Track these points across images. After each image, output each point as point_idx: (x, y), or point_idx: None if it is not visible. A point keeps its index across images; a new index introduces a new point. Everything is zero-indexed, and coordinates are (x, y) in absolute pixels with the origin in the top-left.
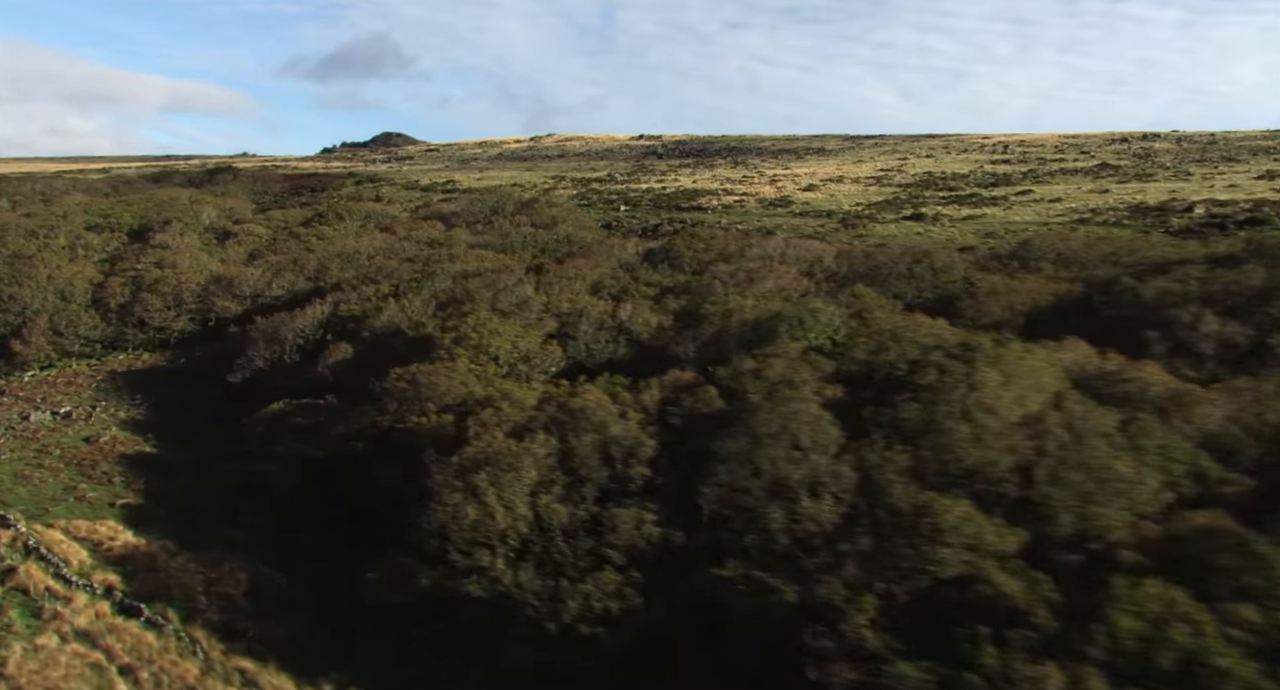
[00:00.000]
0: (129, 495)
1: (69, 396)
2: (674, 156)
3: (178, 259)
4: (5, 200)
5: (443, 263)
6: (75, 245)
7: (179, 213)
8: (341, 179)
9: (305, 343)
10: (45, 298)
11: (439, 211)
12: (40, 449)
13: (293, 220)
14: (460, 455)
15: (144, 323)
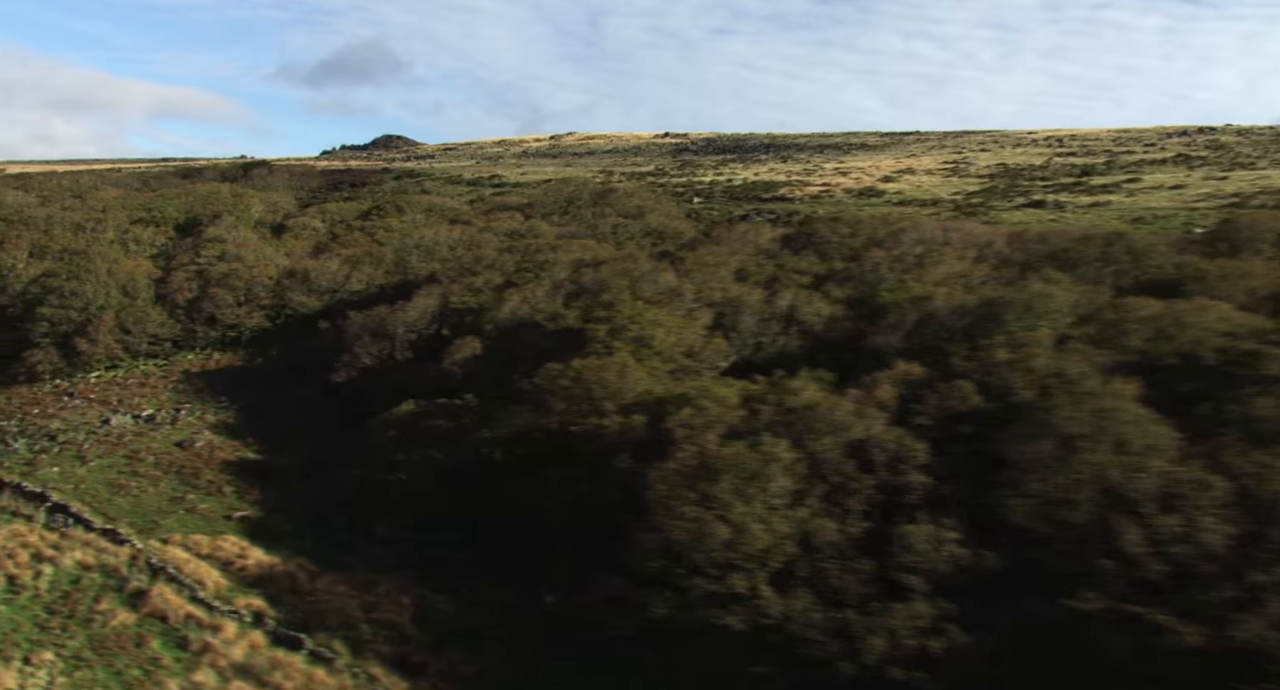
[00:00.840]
0: (244, 507)
1: (147, 399)
2: (708, 153)
3: (241, 253)
4: (34, 195)
5: (545, 252)
6: (124, 239)
7: (226, 206)
8: (377, 175)
9: (418, 338)
10: (109, 293)
11: (504, 204)
12: (130, 455)
13: (347, 213)
14: (677, 462)
15: (215, 319)
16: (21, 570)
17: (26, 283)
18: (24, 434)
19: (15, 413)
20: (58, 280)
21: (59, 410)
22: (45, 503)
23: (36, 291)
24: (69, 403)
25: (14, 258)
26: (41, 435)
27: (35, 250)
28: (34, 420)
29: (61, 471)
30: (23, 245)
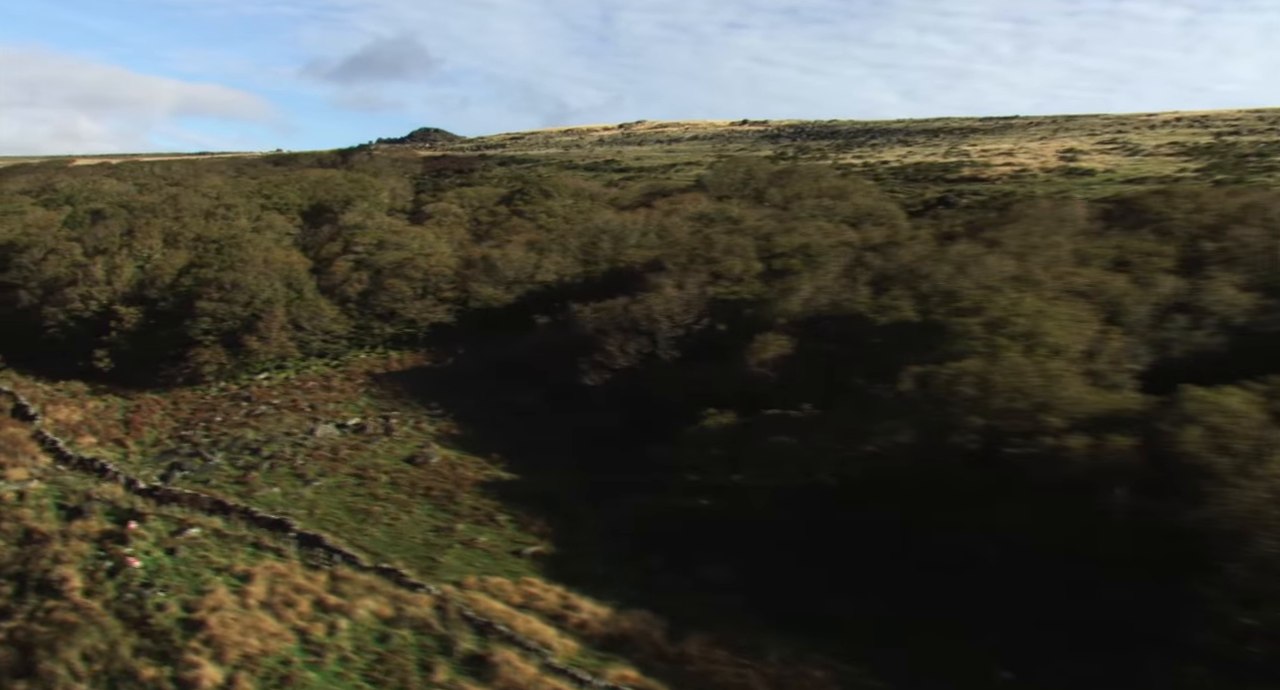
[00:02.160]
0: (529, 539)
1: (342, 405)
2: (800, 139)
3: (402, 239)
4: (131, 184)
5: (782, 235)
6: (259, 227)
7: (356, 192)
8: (475, 161)
9: (686, 334)
10: (273, 286)
11: (664, 187)
12: (357, 474)
13: (486, 198)
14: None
15: (392, 314)
16: (310, 624)
17: (175, 274)
18: (217, 445)
19: (195, 420)
20: (210, 271)
21: (246, 417)
22: (287, 532)
23: (188, 283)
24: (249, 408)
25: (149, 247)
26: (239, 447)
27: (169, 239)
28: (221, 429)
29: (284, 493)
30: (155, 234)
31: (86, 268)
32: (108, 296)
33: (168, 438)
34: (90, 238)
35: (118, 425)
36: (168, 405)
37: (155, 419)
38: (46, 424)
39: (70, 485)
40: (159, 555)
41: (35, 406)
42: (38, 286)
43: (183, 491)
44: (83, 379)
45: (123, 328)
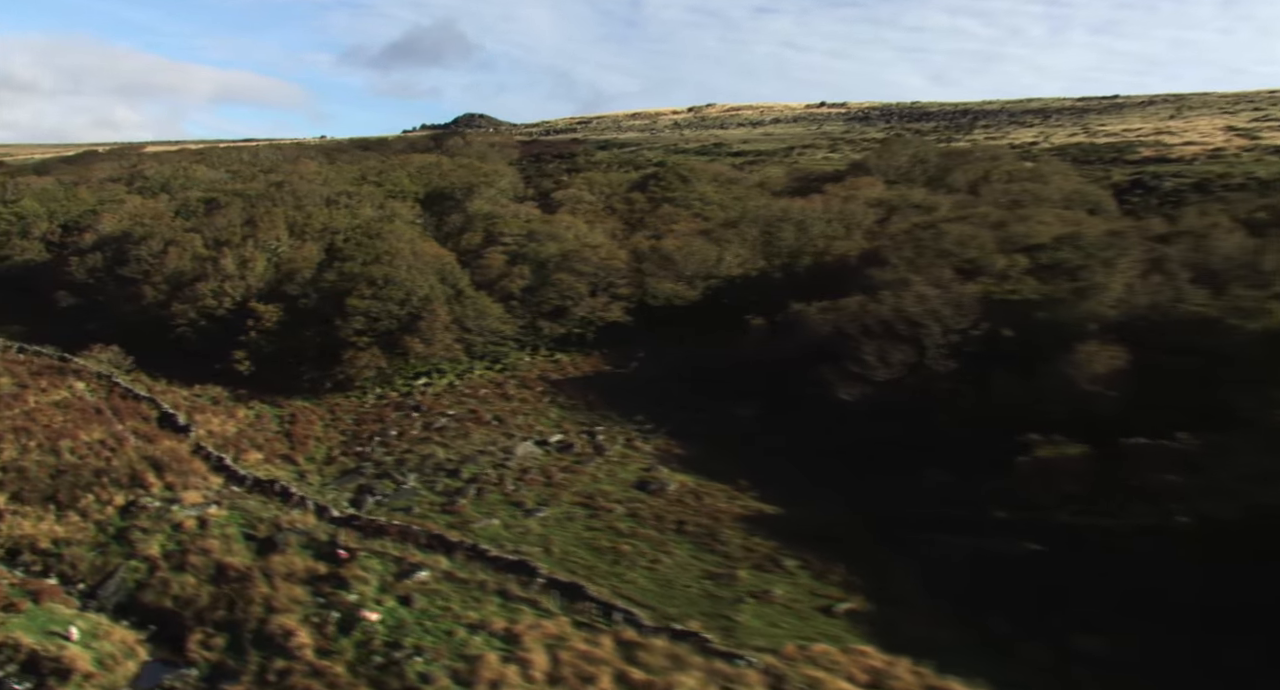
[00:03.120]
0: (834, 592)
1: (531, 417)
2: (885, 122)
3: (554, 230)
4: (223, 171)
5: (1020, 224)
6: (385, 216)
7: (474, 178)
8: (570, 145)
9: (962, 340)
10: (430, 282)
11: (810, 171)
12: (584, 502)
13: (616, 184)
14: None
15: (561, 312)
16: None
17: (314, 268)
18: (405, 465)
19: (364, 433)
20: (355, 265)
21: (426, 431)
22: (534, 577)
23: (332, 278)
24: (424, 420)
25: (274, 238)
26: (432, 468)
27: (294, 229)
28: (400, 444)
29: (505, 525)
30: (279, 224)
31: (216, 261)
32: (242, 292)
33: (341, 454)
34: (210, 228)
35: (279, 438)
36: (324, 415)
37: (317, 431)
38: (201, 436)
39: (253, 512)
40: (391, 604)
41: (182, 415)
42: (163, 281)
43: (386, 521)
44: (219, 383)
45: (262, 327)
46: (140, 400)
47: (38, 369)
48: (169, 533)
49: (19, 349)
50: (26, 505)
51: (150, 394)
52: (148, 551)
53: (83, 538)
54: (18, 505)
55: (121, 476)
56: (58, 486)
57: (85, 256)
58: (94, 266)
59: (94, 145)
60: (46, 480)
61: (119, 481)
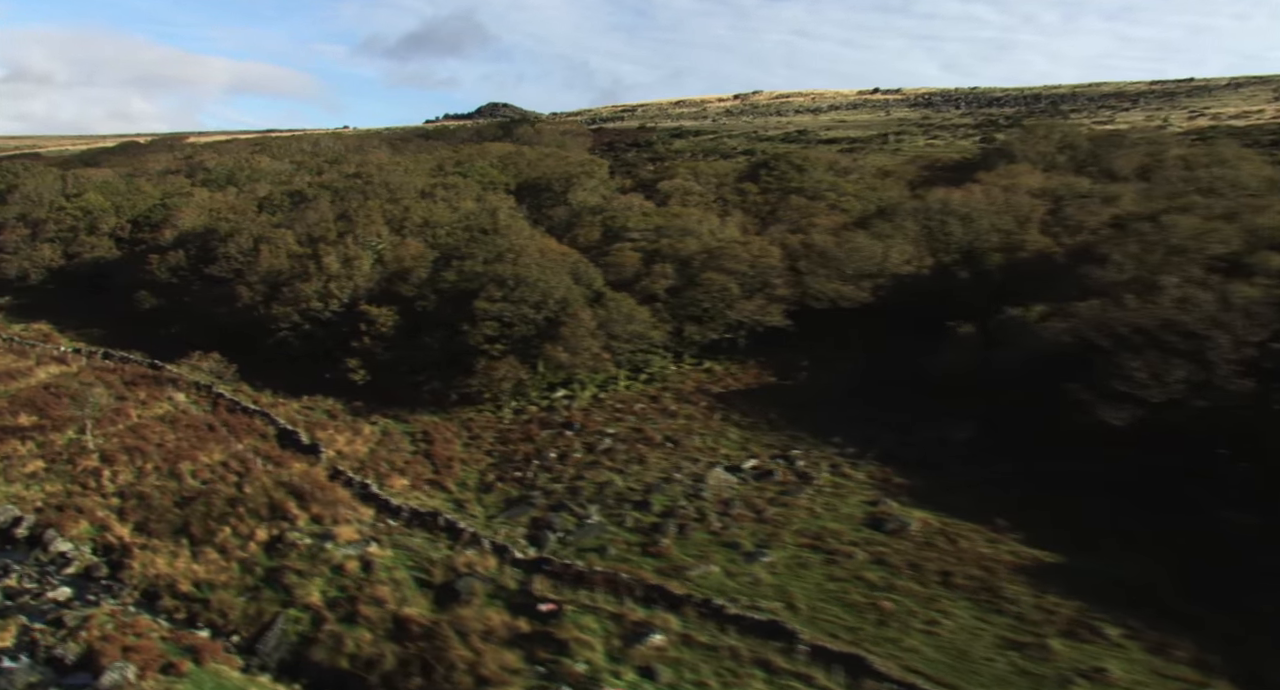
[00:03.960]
0: (1188, 673)
1: (705, 436)
2: (968, 107)
3: (685, 225)
4: (287, 162)
5: (1257, 214)
6: (488, 210)
7: (562, 168)
8: (642, 133)
9: (1260, 355)
10: (564, 283)
11: (934, 159)
12: (812, 543)
13: (723, 174)
14: None
15: (710, 316)
16: None
17: (428, 266)
18: (579, 494)
19: (515, 455)
20: (476, 263)
21: (591, 454)
22: (794, 643)
23: (451, 278)
24: (583, 440)
25: (374, 234)
26: (613, 498)
27: (392, 224)
28: (563, 469)
29: (726, 572)
30: (376, 219)
31: (318, 259)
32: (349, 293)
33: (497, 480)
34: (301, 224)
35: (419, 460)
36: (459, 432)
37: (458, 451)
38: (332, 457)
39: (421, 551)
40: (632, 677)
41: (303, 433)
42: (258, 281)
43: (585, 566)
44: (330, 393)
45: (376, 332)
46: (252, 414)
47: (131, 378)
48: (328, 576)
49: (104, 354)
50: (155, 538)
51: (259, 406)
52: (308, 598)
53: (227, 579)
54: (145, 538)
55: (259, 506)
56: (188, 517)
57: (166, 254)
58: (177, 265)
59: (110, 137)
60: (173, 509)
61: (257, 512)
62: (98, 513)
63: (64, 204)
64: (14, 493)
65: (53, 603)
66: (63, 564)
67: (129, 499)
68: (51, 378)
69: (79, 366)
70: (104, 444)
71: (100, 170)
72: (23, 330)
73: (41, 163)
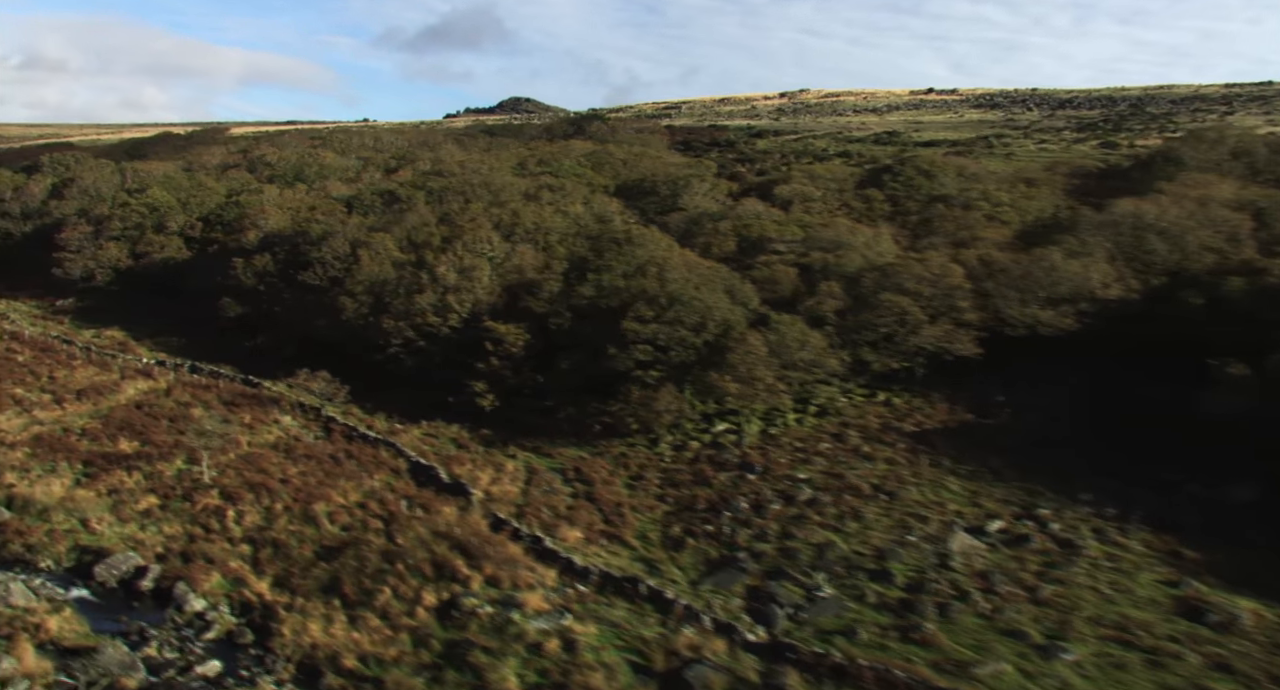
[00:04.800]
0: None
1: (922, 486)
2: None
3: (838, 237)
4: (353, 158)
5: None
6: (601, 215)
7: (664, 169)
8: (717, 132)
9: None
10: (723, 302)
11: (1074, 164)
12: (1115, 635)
13: (840, 177)
14: None
15: (890, 342)
16: None
17: (559, 278)
18: (795, 557)
19: (703, 505)
20: (614, 277)
21: (790, 505)
22: None
23: (590, 293)
24: (768, 485)
25: (483, 240)
26: (842, 564)
27: (500, 228)
28: (765, 523)
29: (1021, 671)
30: (483, 224)
31: (431, 269)
32: (469, 308)
33: (684, 533)
34: (399, 227)
35: (585, 505)
36: (614, 469)
37: (622, 494)
38: (481, 499)
39: (629, 628)
40: None
41: (441, 469)
42: (363, 291)
43: (838, 657)
44: (449, 419)
45: (505, 352)
46: (375, 444)
47: (230, 398)
48: (523, 655)
49: (191, 368)
50: (300, 597)
51: (375, 432)
52: (504, 685)
53: (398, 654)
54: (288, 596)
55: (419, 562)
56: (336, 573)
57: (251, 258)
58: (264, 270)
59: (130, 126)
60: (316, 561)
61: (419, 570)
62: (229, 563)
63: (127, 200)
64: (129, 534)
65: (203, 680)
66: (201, 627)
67: (262, 546)
68: (141, 395)
69: (167, 382)
70: (219, 477)
71: (157, 163)
72: (95, 337)
73: (75, 153)
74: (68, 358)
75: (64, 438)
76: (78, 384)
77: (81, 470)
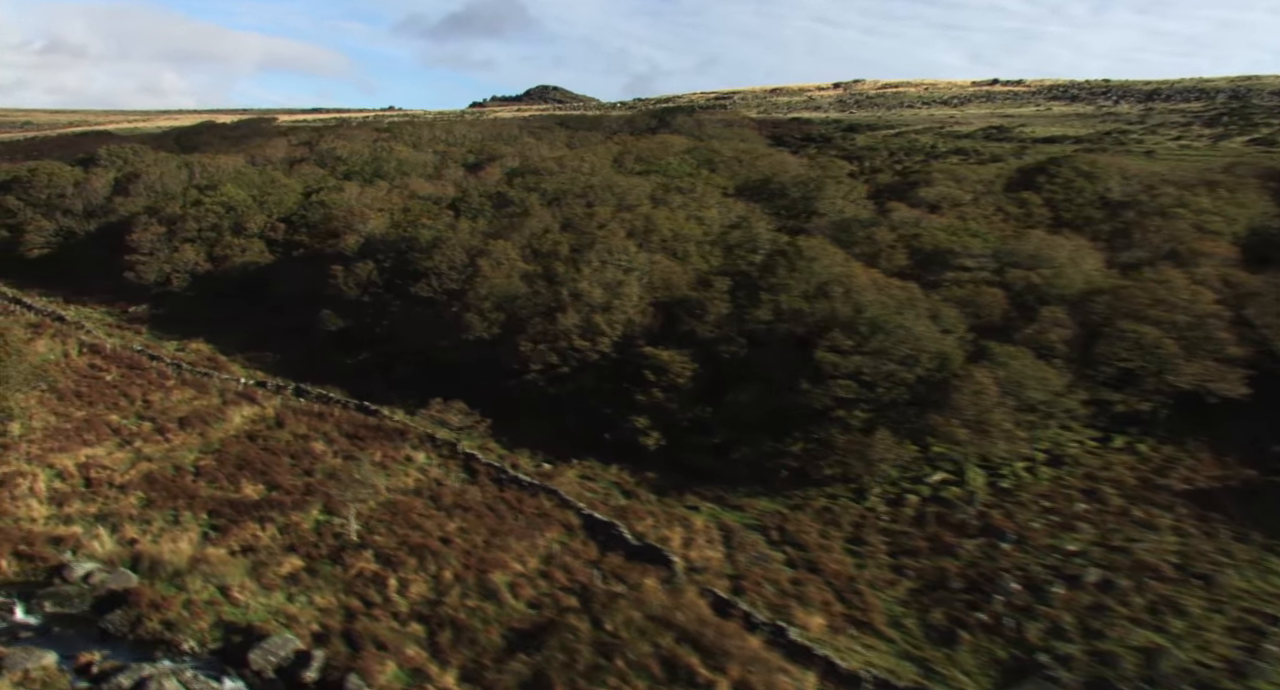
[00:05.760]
0: None
1: (1245, 571)
2: (1118, 101)
3: (1037, 250)
4: (432, 154)
5: None
6: (739, 222)
7: (781, 169)
8: (807, 126)
9: None
10: (932, 331)
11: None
12: None
13: (986, 178)
14: None
15: (1128, 379)
16: None
17: (724, 297)
18: (1113, 666)
19: (944, 578)
20: (792, 298)
21: (1078, 589)
22: None
23: (766, 318)
24: (1032, 559)
25: (618, 249)
26: (1183, 678)
27: (634, 236)
28: (1054, 612)
29: None
30: (616, 231)
31: (572, 284)
32: (621, 329)
33: (951, 624)
34: (518, 234)
35: (808, 578)
36: (822, 528)
37: (846, 563)
38: (682, 568)
39: None
40: None
41: (624, 528)
42: (491, 307)
43: None
44: (604, 457)
45: (671, 382)
46: (534, 492)
47: (350, 430)
48: None
49: (296, 391)
50: None
51: (525, 474)
52: None
53: None
54: None
55: (642, 657)
56: (542, 669)
57: (352, 266)
58: (367, 279)
59: (153, 113)
60: (509, 651)
61: (643, 667)
62: (404, 649)
63: (200, 198)
64: (277, 607)
65: None
66: None
67: (438, 627)
68: (248, 423)
69: (274, 408)
70: (366, 532)
71: (222, 157)
72: (179, 350)
73: (132, 145)
74: (159, 377)
75: (178, 479)
76: (177, 410)
77: (207, 521)
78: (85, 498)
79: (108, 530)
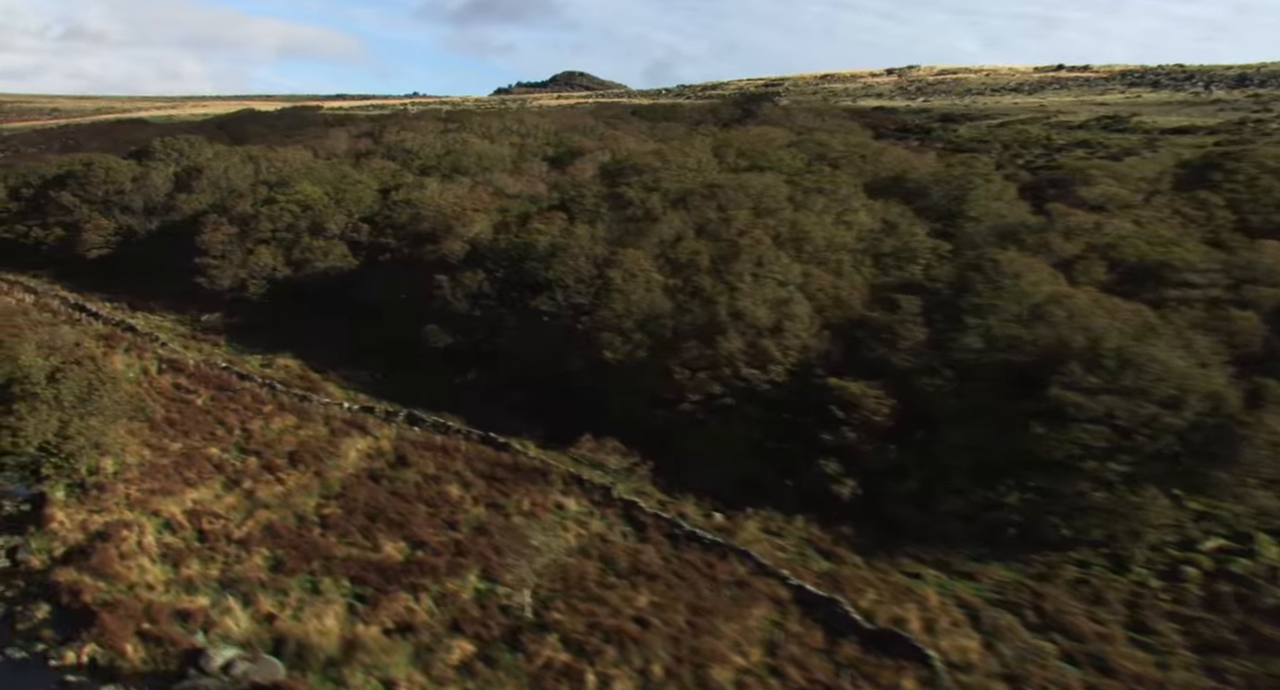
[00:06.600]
0: None
1: None
2: (1200, 88)
3: (1270, 260)
4: (508, 148)
5: None
6: (889, 227)
7: (907, 165)
8: (909, 116)
9: None
10: (1189, 366)
11: None
12: None
13: (1149, 175)
14: None
15: None
16: None
17: (920, 323)
18: None
19: None
20: (1000, 321)
21: None
22: None
23: (977, 347)
24: None
25: (771, 260)
26: None
27: (780, 243)
28: None
29: None
30: (762, 239)
31: (734, 304)
32: (796, 356)
33: None
34: (647, 241)
35: (1104, 686)
36: (1088, 607)
37: (1136, 659)
38: (942, 667)
39: None
40: None
41: (849, 607)
42: (634, 327)
43: None
44: (782, 507)
45: (865, 420)
46: (722, 552)
47: (485, 469)
48: None
49: (409, 418)
50: None
51: (697, 527)
52: None
53: None
54: None
55: None
56: None
57: (458, 275)
58: (478, 290)
59: (178, 100)
60: None
61: None
62: None
63: (271, 195)
64: None
65: None
66: None
67: None
68: (364, 459)
69: (388, 439)
70: (540, 606)
71: (289, 151)
72: (265, 366)
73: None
74: (254, 401)
75: (305, 532)
76: (282, 441)
77: (351, 590)
78: (203, 556)
79: (239, 601)
